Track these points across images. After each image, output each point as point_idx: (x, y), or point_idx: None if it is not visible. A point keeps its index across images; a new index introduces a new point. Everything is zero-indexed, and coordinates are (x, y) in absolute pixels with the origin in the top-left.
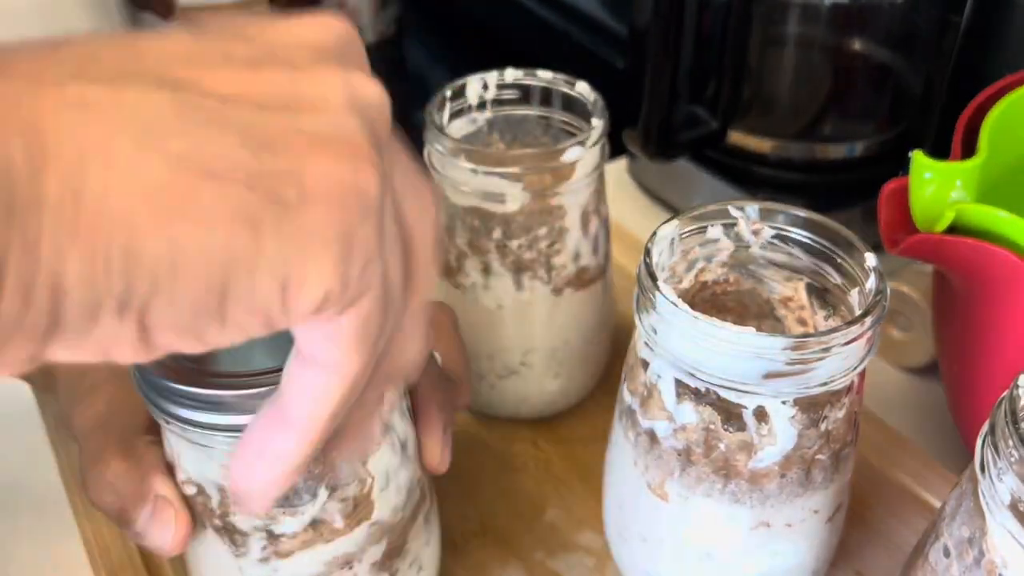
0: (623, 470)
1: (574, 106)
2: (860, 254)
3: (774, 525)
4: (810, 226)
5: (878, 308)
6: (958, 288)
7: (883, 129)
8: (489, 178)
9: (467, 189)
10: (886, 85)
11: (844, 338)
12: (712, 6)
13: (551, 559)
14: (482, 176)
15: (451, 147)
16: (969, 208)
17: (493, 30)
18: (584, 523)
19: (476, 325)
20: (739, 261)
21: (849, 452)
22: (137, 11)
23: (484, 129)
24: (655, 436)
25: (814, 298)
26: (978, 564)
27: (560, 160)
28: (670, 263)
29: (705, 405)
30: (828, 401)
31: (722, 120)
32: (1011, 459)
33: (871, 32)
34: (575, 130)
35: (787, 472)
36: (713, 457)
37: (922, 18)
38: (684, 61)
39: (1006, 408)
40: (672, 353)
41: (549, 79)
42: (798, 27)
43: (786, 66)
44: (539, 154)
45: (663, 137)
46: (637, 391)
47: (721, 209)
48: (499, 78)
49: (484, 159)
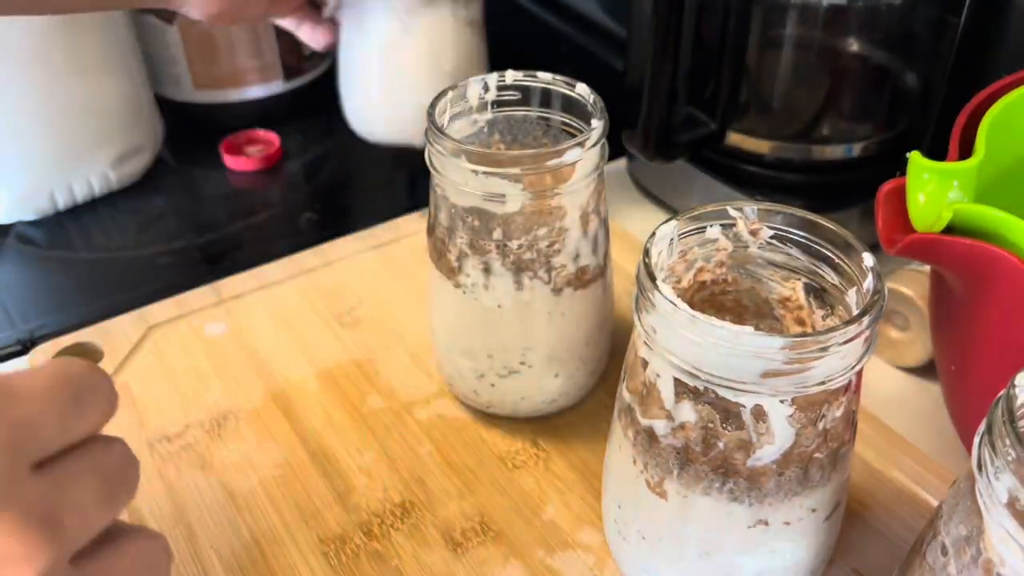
0: (622, 468)
1: (574, 107)
2: (858, 254)
3: (772, 523)
4: (808, 226)
5: (876, 308)
6: (955, 288)
7: (881, 130)
8: (489, 179)
9: (468, 189)
10: (884, 86)
11: (842, 337)
12: (711, 8)
13: (551, 557)
14: (482, 177)
15: (451, 148)
16: (966, 208)
17: (493, 32)
18: (584, 521)
19: (477, 324)
20: (737, 261)
21: (847, 451)
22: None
23: (485, 130)
24: (654, 434)
25: (812, 298)
26: (975, 562)
27: (560, 160)
28: (669, 263)
29: (704, 404)
30: (826, 400)
31: (721, 121)
32: (1008, 458)
33: (869, 33)
34: (575, 131)
35: (785, 470)
36: (712, 455)
37: (920, 19)
38: (683, 63)
39: (1003, 407)
40: (671, 352)
41: (549, 80)
42: (796, 28)
43: (784, 67)
44: (539, 155)
45: (662, 138)
46: (636, 390)
47: (720, 209)
48: (499, 79)
49: (484, 160)
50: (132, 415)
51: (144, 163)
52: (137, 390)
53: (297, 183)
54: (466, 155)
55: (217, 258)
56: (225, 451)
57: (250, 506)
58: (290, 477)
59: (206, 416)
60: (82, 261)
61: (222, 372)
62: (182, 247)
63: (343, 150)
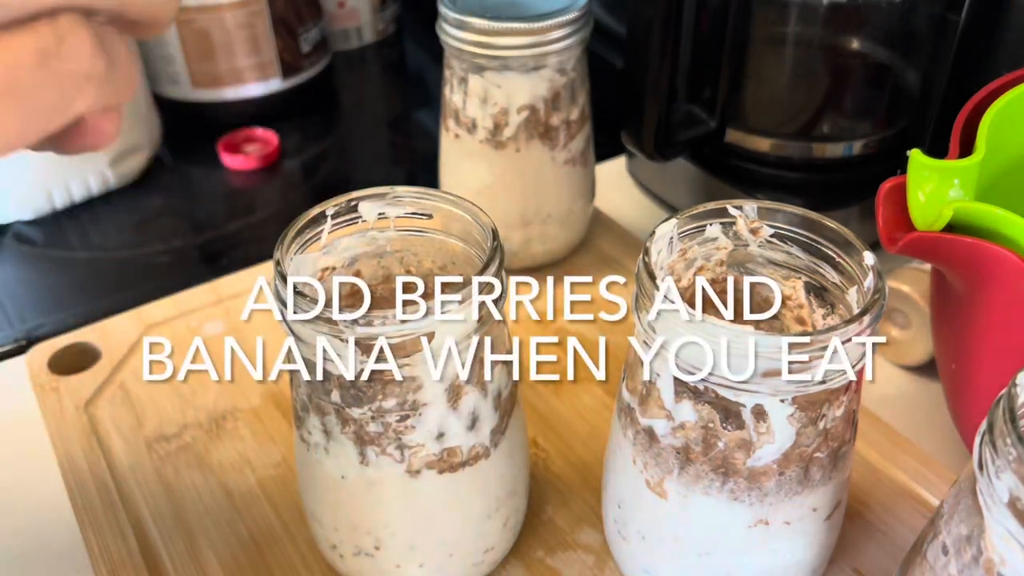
0: (622, 468)
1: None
2: (858, 252)
3: (773, 523)
4: (808, 225)
5: (876, 306)
6: (956, 286)
7: (881, 128)
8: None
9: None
10: (884, 84)
11: (842, 336)
12: (710, 5)
13: (551, 557)
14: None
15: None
16: (967, 206)
17: None
18: (583, 521)
19: (321, 490)
20: (737, 260)
21: (847, 450)
22: None
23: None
24: (654, 434)
25: (812, 297)
26: (976, 562)
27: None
28: (669, 261)
29: (704, 403)
30: (826, 399)
31: (720, 119)
32: (1009, 457)
33: (869, 31)
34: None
35: (785, 470)
36: (712, 455)
37: (920, 17)
38: (682, 60)
39: (1004, 406)
40: (671, 351)
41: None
42: (796, 26)
43: (784, 65)
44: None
45: (661, 136)
46: (636, 389)
47: (719, 208)
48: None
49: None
50: (130, 415)
51: (142, 162)
52: (135, 390)
53: (295, 182)
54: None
55: (215, 257)
56: (223, 451)
57: (248, 506)
58: (288, 477)
59: (204, 416)
60: (80, 260)
61: (220, 372)
62: (180, 246)
63: (341, 149)
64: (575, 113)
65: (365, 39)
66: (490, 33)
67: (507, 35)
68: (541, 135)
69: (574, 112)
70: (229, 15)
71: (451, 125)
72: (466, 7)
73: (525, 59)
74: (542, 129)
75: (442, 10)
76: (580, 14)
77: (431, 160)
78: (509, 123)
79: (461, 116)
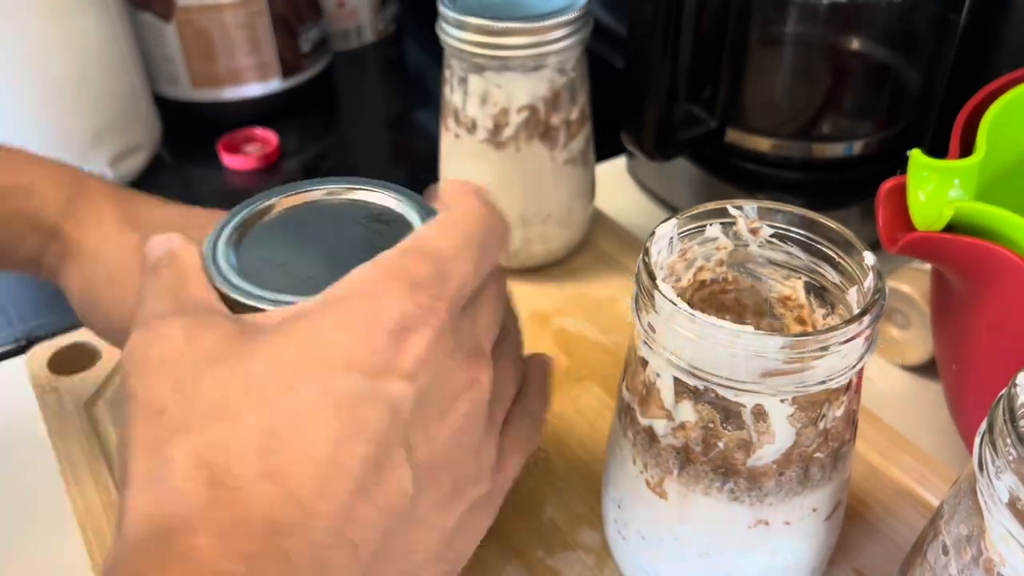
0: (622, 468)
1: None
2: (858, 253)
3: (773, 523)
4: (808, 225)
5: (876, 306)
6: (956, 286)
7: (881, 128)
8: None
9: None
10: (884, 84)
11: (842, 336)
12: (710, 5)
13: (551, 557)
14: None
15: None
16: (967, 206)
17: None
18: (584, 521)
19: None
20: (737, 260)
21: (847, 450)
22: (136, 11)
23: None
24: (654, 434)
25: (812, 297)
26: (976, 562)
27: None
28: (669, 261)
29: (704, 403)
30: (826, 399)
31: (720, 119)
32: (1009, 457)
33: (869, 31)
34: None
35: (785, 470)
36: (712, 455)
37: (920, 17)
38: (683, 60)
39: (1004, 406)
40: (671, 352)
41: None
42: (796, 26)
43: (784, 65)
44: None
45: (662, 136)
46: (636, 389)
47: (720, 208)
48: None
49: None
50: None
51: (142, 161)
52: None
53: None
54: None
55: None
56: None
57: None
58: None
59: None
60: None
61: None
62: None
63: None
64: (575, 113)
65: (365, 39)
66: (490, 33)
67: (507, 35)
68: (541, 135)
69: (574, 112)
70: (229, 15)
71: (451, 125)
72: (466, 7)
73: (525, 59)
74: (542, 129)
75: (442, 10)
76: (580, 14)
77: (431, 160)
78: (509, 123)
79: (461, 116)
